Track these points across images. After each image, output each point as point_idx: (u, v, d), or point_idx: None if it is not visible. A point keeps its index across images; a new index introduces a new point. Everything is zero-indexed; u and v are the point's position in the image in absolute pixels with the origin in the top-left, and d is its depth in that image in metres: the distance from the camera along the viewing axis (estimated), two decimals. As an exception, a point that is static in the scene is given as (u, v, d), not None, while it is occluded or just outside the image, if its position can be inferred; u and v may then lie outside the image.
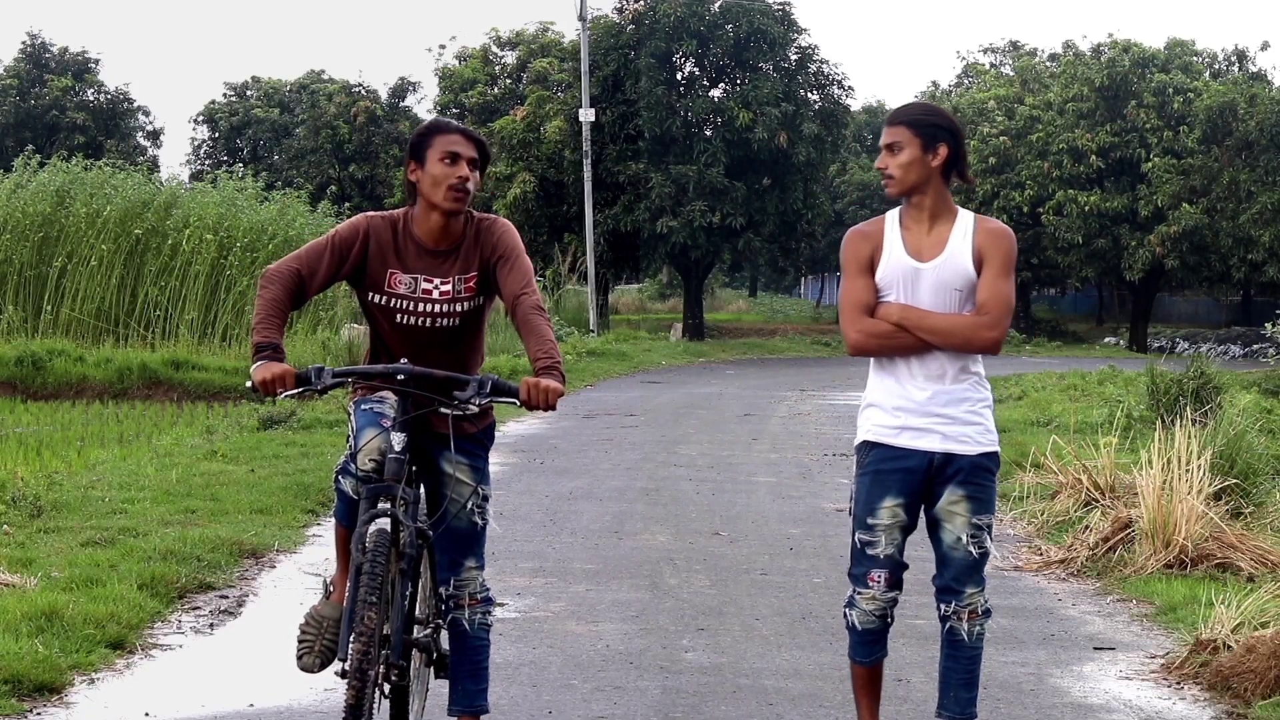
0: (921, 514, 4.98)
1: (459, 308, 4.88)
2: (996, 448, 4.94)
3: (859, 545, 4.95)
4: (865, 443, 4.97)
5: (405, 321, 4.87)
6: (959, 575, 4.90)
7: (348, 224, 4.94)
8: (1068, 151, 42.05)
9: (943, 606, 4.94)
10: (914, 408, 4.87)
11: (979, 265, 4.85)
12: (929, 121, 4.86)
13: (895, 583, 4.96)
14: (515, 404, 4.68)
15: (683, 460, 13.78)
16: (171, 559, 7.92)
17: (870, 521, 4.91)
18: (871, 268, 4.90)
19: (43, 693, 5.76)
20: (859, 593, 4.97)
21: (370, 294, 4.90)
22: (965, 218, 4.92)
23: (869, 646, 5.02)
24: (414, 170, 4.85)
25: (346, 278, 4.94)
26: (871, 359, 4.97)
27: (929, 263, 4.86)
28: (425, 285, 4.86)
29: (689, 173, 35.82)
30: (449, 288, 4.87)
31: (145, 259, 26.32)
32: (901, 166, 4.85)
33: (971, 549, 4.87)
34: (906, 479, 4.88)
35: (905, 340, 4.85)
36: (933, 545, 4.97)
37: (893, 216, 4.97)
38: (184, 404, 19.76)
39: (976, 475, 4.88)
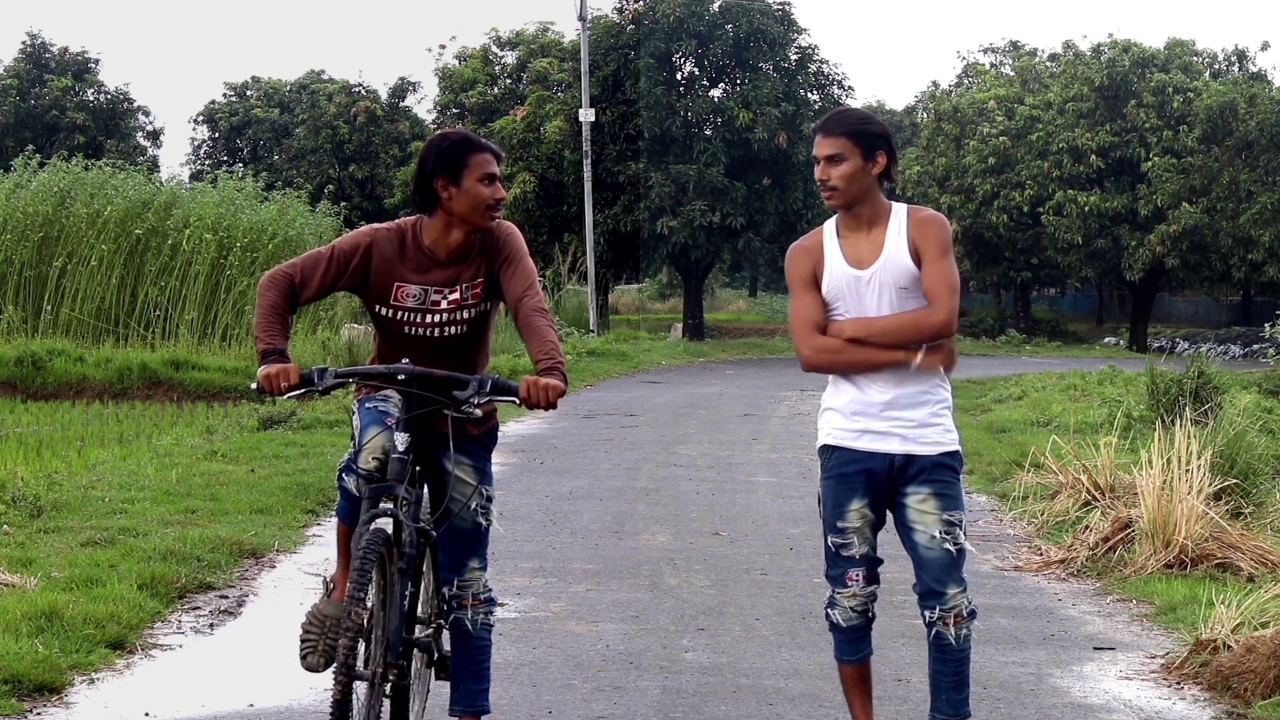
0: (891, 520, 4.99)
1: (466, 314, 4.88)
2: (957, 447, 4.95)
3: (833, 548, 4.97)
4: (826, 446, 4.98)
5: (413, 332, 4.88)
6: (939, 575, 4.89)
7: (350, 237, 4.92)
8: (1068, 151, 42.04)
9: (927, 613, 4.92)
10: (874, 411, 4.88)
11: (917, 258, 4.85)
12: (868, 130, 4.86)
13: (873, 578, 4.99)
14: (515, 403, 4.69)
15: (683, 460, 13.78)
16: (171, 559, 7.92)
17: (840, 525, 4.93)
18: (816, 282, 4.91)
19: (43, 693, 5.76)
20: (839, 592, 4.99)
21: (376, 306, 4.89)
22: (898, 214, 4.92)
23: (855, 644, 5.03)
24: (446, 188, 4.79)
25: (346, 289, 4.93)
26: None
27: (869, 269, 4.87)
28: (434, 297, 4.85)
29: (689, 173, 35.81)
30: (457, 296, 4.86)
31: (145, 259, 26.31)
32: (845, 178, 4.84)
33: (948, 545, 4.87)
34: (870, 481, 4.90)
35: (856, 356, 4.85)
36: (908, 551, 4.96)
37: (830, 227, 4.98)
38: (184, 404, 19.76)
39: (939, 473, 4.88)
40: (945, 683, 4.96)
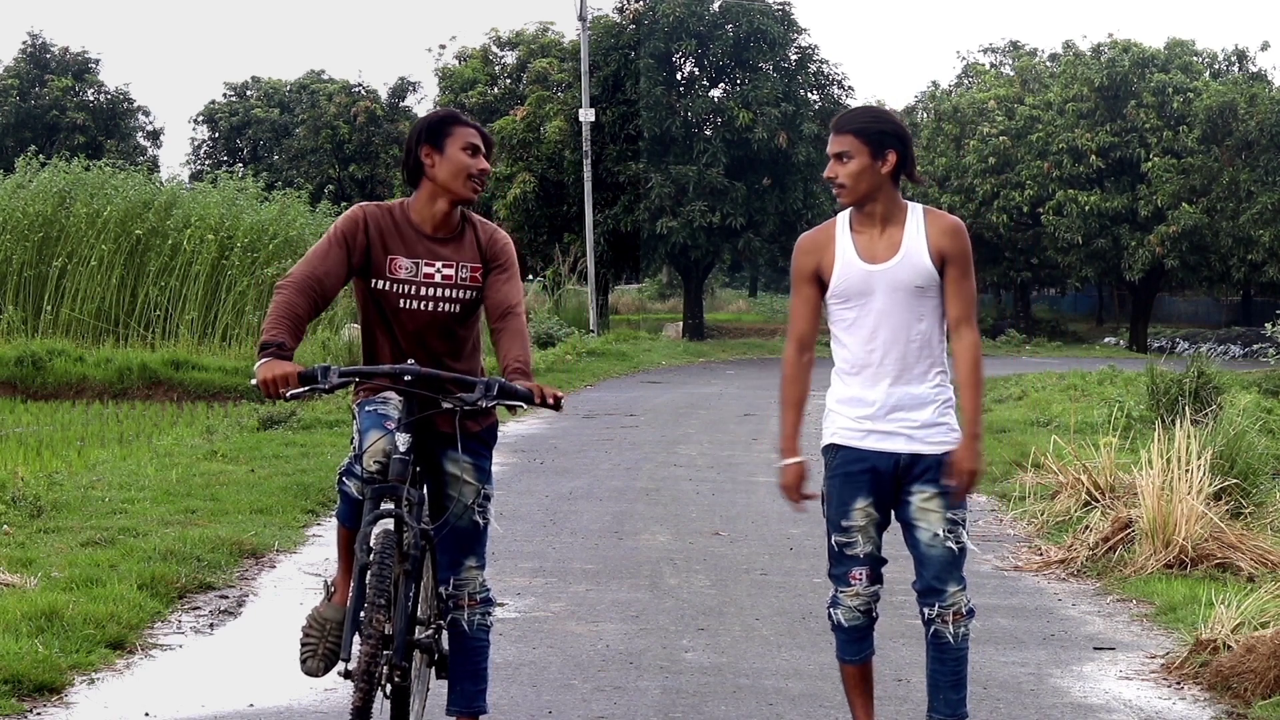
0: (894, 518, 5.00)
1: (461, 295, 4.91)
2: None
3: (836, 547, 4.96)
4: (831, 445, 4.99)
5: (407, 306, 4.89)
6: (940, 573, 4.89)
7: (344, 216, 4.97)
8: (1068, 151, 42.03)
9: (926, 610, 4.93)
10: (878, 412, 4.88)
11: (940, 263, 4.86)
12: (875, 129, 4.84)
13: (876, 578, 4.98)
14: (523, 406, 4.70)
15: (683, 460, 13.78)
16: (171, 559, 7.92)
17: (845, 524, 4.93)
18: (817, 279, 4.92)
19: (43, 693, 5.76)
20: (842, 591, 4.99)
21: (374, 280, 4.91)
22: (915, 213, 4.91)
23: (857, 644, 5.03)
24: (430, 155, 4.85)
25: (358, 268, 4.93)
26: (835, 361, 4.99)
27: (883, 265, 4.86)
28: (426, 269, 4.89)
29: (689, 173, 35.82)
30: (451, 272, 4.90)
31: (146, 259, 26.34)
32: (851, 176, 4.84)
33: (950, 544, 4.88)
34: (875, 480, 4.90)
35: (785, 393, 5.02)
36: (909, 548, 4.96)
37: (843, 220, 4.96)
38: (184, 404, 19.78)
39: (944, 472, 4.89)
40: (943, 682, 4.96)
